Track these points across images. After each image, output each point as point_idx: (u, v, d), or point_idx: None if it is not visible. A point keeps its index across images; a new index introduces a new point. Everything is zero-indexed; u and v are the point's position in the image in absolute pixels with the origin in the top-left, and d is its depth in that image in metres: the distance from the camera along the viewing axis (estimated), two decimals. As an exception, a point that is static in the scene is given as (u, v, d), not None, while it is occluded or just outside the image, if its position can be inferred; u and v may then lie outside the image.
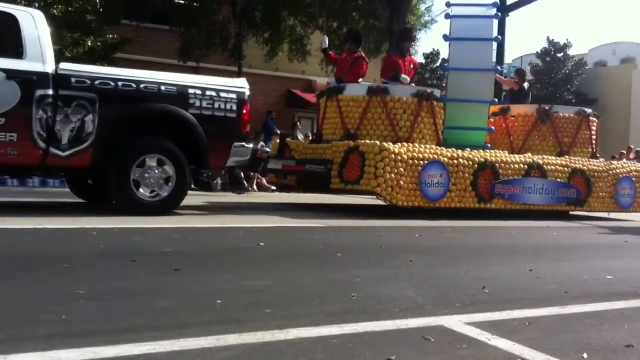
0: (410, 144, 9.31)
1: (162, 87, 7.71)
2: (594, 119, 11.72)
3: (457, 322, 3.16)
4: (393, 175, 8.96)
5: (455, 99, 10.39)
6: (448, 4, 10.91)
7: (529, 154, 10.57)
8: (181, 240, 5.74)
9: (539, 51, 46.81)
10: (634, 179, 11.45)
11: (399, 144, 9.18)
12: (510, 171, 10.05)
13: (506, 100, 12.95)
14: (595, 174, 10.97)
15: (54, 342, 2.50)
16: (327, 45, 10.76)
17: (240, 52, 21.36)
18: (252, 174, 13.58)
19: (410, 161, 9.12)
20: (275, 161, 9.90)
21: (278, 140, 10.80)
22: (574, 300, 3.89)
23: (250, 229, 6.77)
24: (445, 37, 10.56)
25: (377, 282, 4.12)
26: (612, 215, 11.58)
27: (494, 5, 11.01)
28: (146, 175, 7.60)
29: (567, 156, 10.94)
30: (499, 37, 10.69)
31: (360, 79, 10.10)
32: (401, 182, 9.03)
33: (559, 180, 10.54)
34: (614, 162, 11.70)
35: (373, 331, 2.93)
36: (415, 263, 5.03)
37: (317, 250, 5.66)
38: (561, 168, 10.61)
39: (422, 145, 9.43)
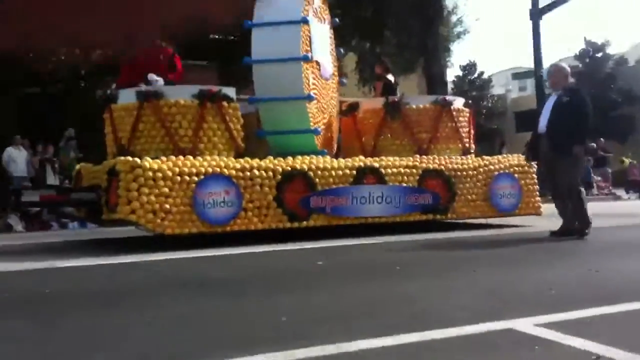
0: (181, 158, 7.48)
1: None
2: (464, 108, 9.53)
3: (526, 325, 3.09)
4: (153, 197, 7.14)
5: (259, 99, 8.55)
6: None
7: (360, 157, 8.54)
8: (244, 267, 5.91)
9: (577, 53, 45.22)
10: (516, 175, 9.16)
11: (162, 158, 7.38)
12: (332, 179, 8.11)
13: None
14: (459, 173, 8.82)
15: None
16: None
17: (276, 78, 21.54)
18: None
19: (179, 178, 7.29)
20: (31, 192, 8.24)
21: None
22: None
23: (304, 250, 6.94)
24: (246, 24, 8.73)
25: (441, 292, 4.12)
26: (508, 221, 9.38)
27: None
28: None
29: (417, 155, 8.81)
30: (307, 17, 8.70)
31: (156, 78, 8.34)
32: (167, 206, 7.18)
33: (404, 184, 8.43)
34: (488, 157, 9.36)
35: (440, 338, 2.89)
36: (478, 272, 4.99)
37: (377, 266, 5.63)
38: (407, 170, 8.58)
39: (198, 158, 7.58)
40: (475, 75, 46.29)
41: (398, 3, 20.48)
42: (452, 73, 44.40)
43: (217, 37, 20.92)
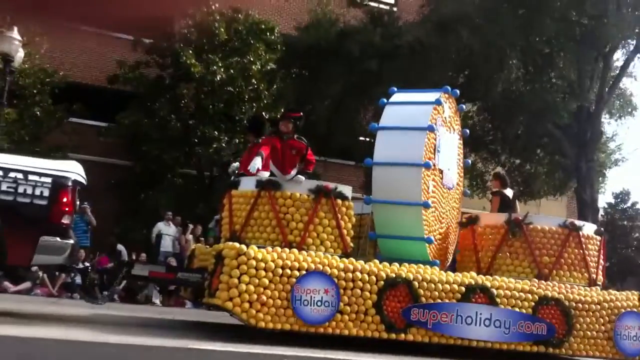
0: (286, 250, 7.50)
1: None
2: (595, 236, 8.83)
3: None
4: (252, 287, 7.18)
5: (375, 200, 8.44)
6: (392, 91, 9.17)
7: (472, 273, 8.11)
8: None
9: None
10: (646, 315, 8.31)
11: (268, 248, 7.46)
12: (437, 293, 7.72)
13: None
14: (581, 305, 8.10)
15: None
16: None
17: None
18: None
19: (280, 270, 7.29)
20: (141, 266, 8.56)
21: None
22: None
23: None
24: (372, 127, 8.76)
25: None
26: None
27: (443, 90, 9.08)
28: None
29: (536, 280, 8.22)
30: (433, 126, 8.56)
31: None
32: (264, 297, 7.20)
33: (517, 309, 7.88)
34: (615, 292, 8.52)
35: None
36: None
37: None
38: (522, 294, 8.00)
39: (303, 252, 7.57)
40: (629, 204, 43.59)
41: (552, 123, 19.94)
42: (604, 199, 42.01)
43: (367, 139, 21.61)
